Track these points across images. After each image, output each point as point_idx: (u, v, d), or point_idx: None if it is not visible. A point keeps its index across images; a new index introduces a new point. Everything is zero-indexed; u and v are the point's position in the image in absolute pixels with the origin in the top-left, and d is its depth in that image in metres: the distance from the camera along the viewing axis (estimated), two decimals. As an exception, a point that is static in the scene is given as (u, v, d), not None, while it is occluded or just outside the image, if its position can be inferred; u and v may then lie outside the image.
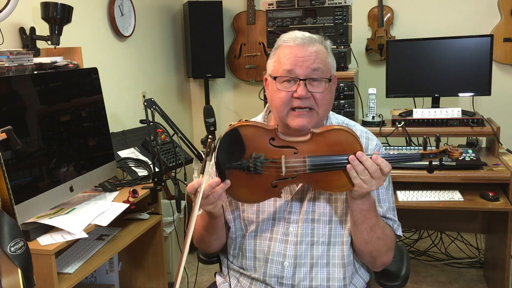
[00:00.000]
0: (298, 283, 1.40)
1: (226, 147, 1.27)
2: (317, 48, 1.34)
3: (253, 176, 1.29)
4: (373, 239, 1.36)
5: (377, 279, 1.54)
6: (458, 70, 2.77)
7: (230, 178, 1.29)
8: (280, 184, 1.31)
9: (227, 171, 1.28)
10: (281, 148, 1.29)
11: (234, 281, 1.51)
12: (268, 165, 1.27)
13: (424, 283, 2.90)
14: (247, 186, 1.31)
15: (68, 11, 2.16)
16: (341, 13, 2.79)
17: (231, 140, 1.27)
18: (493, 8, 3.24)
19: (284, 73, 1.32)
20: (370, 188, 1.24)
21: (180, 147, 2.78)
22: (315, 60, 1.31)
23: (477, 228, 2.97)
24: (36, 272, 1.46)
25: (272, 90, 1.36)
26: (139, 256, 2.54)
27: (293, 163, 1.27)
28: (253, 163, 1.27)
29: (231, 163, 1.27)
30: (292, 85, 1.32)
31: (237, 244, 1.49)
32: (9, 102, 1.72)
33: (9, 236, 1.20)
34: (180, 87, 3.81)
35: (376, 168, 1.22)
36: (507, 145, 2.71)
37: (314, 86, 1.32)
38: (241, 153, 1.28)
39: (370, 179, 1.23)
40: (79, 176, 2.02)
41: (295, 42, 1.33)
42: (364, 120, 2.81)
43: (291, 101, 1.32)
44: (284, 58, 1.33)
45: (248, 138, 1.28)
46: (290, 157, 1.28)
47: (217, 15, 3.49)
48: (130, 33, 3.03)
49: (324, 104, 1.34)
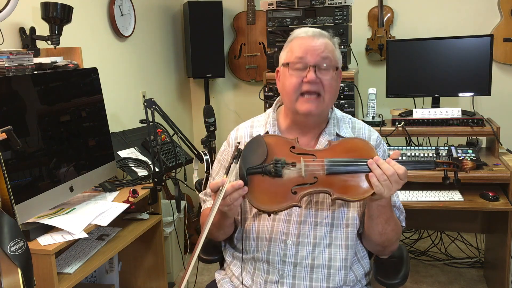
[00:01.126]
0: (300, 261, 1.43)
1: (249, 153, 1.35)
2: (327, 41, 1.46)
3: (274, 180, 1.33)
4: (387, 231, 1.43)
5: (376, 277, 1.54)
6: (458, 70, 2.77)
7: (251, 183, 1.32)
8: (299, 191, 1.32)
9: (249, 177, 1.32)
10: (300, 155, 1.37)
11: (238, 269, 1.53)
12: (288, 168, 1.34)
13: (424, 283, 2.90)
14: (267, 191, 1.33)
15: (68, 11, 2.16)
16: (341, 13, 2.79)
17: (255, 145, 1.37)
18: (493, 8, 3.24)
19: (296, 59, 1.43)
20: (389, 193, 1.30)
21: (180, 147, 2.78)
22: (324, 50, 1.42)
23: (477, 228, 2.97)
24: (36, 272, 1.46)
25: (284, 77, 1.46)
26: (139, 256, 2.54)
27: (312, 166, 1.34)
28: (274, 166, 1.33)
29: (254, 167, 1.33)
30: (303, 72, 1.42)
31: (241, 227, 1.52)
32: (9, 102, 1.72)
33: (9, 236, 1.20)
34: (180, 87, 3.81)
35: (393, 171, 1.28)
36: (507, 145, 2.71)
37: (322, 73, 1.42)
38: (263, 159, 1.35)
39: (389, 183, 1.28)
40: (79, 176, 2.02)
41: (307, 34, 1.45)
42: (364, 120, 2.81)
43: (301, 85, 1.42)
44: (297, 47, 1.44)
45: (270, 145, 1.38)
46: (309, 162, 1.35)
47: (217, 15, 3.49)
48: (130, 33, 3.03)
49: (330, 91, 1.44)
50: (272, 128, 1.53)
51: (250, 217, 1.51)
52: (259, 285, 1.47)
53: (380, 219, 1.40)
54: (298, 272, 1.44)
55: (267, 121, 1.56)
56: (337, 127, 1.52)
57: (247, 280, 1.51)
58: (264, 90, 2.85)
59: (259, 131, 1.55)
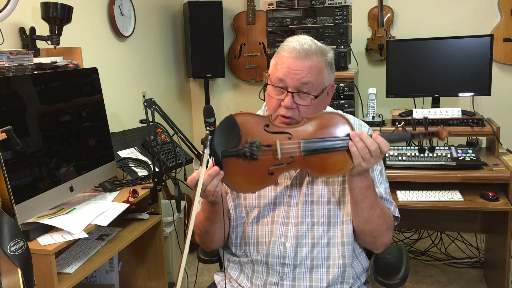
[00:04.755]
0: (300, 263, 1.44)
1: (222, 135, 1.31)
2: (313, 62, 1.37)
3: (250, 163, 1.31)
4: (373, 217, 1.40)
5: (376, 278, 1.54)
6: (458, 70, 2.77)
7: (227, 167, 1.30)
8: (277, 171, 1.32)
9: (224, 160, 1.30)
10: (275, 133, 1.34)
11: (236, 272, 1.53)
12: (263, 149, 1.31)
13: (424, 283, 2.90)
14: (244, 174, 1.32)
15: (68, 11, 2.16)
16: (341, 13, 2.79)
17: (227, 127, 1.32)
18: (493, 8, 3.24)
19: (276, 81, 1.40)
20: (367, 166, 1.30)
21: (180, 147, 2.78)
22: (307, 74, 1.36)
23: (477, 228, 2.97)
24: (36, 272, 1.46)
25: (268, 89, 1.45)
26: (139, 256, 2.54)
27: (288, 146, 1.31)
28: (249, 148, 1.30)
29: (228, 151, 1.30)
30: (281, 94, 1.39)
31: (238, 233, 1.52)
32: (9, 102, 1.72)
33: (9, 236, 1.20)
34: (180, 87, 3.81)
35: (376, 146, 1.29)
36: (507, 145, 2.71)
37: (301, 99, 1.38)
38: (237, 141, 1.32)
39: (369, 157, 1.29)
40: (79, 176, 2.02)
41: (291, 54, 1.37)
42: (364, 120, 2.81)
43: (278, 108, 1.40)
44: (280, 67, 1.40)
45: (243, 125, 1.33)
46: (284, 142, 1.32)
47: (217, 15, 3.48)
48: (130, 33, 3.03)
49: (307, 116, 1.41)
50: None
51: (248, 222, 1.50)
52: (258, 287, 1.47)
53: (364, 203, 1.37)
54: (298, 273, 1.44)
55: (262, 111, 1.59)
56: None
57: (245, 283, 1.50)
58: (264, 90, 2.84)
59: None
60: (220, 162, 1.29)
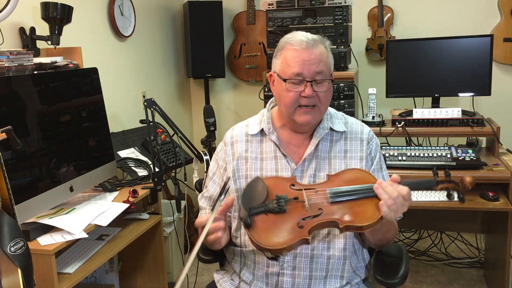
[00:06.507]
0: (299, 252, 1.45)
1: (249, 193, 1.35)
2: (320, 50, 1.46)
3: (278, 217, 1.31)
4: (387, 237, 1.52)
5: (376, 277, 1.54)
6: (458, 70, 2.77)
7: (256, 224, 1.30)
8: (306, 225, 1.30)
9: (252, 217, 1.31)
10: (301, 190, 1.38)
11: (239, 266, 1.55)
12: (291, 202, 1.34)
13: (424, 283, 2.90)
14: (273, 228, 1.30)
15: (68, 11, 2.16)
16: (341, 13, 2.79)
17: (254, 186, 1.37)
18: (493, 8, 3.24)
19: (293, 76, 1.44)
20: (396, 216, 1.32)
21: (180, 147, 2.78)
22: (319, 63, 1.44)
23: (477, 228, 2.97)
24: (36, 272, 1.46)
25: (281, 89, 1.48)
26: (139, 256, 2.54)
27: (315, 196, 1.35)
28: (276, 202, 1.32)
29: (256, 207, 1.32)
30: (299, 86, 1.45)
31: (240, 224, 1.52)
32: (9, 102, 1.72)
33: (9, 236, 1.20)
34: (180, 87, 3.81)
35: (397, 193, 1.30)
36: (507, 145, 2.71)
37: (318, 86, 1.45)
38: (264, 198, 1.35)
39: (395, 207, 1.30)
40: (79, 176, 2.02)
41: (301, 46, 1.45)
42: (364, 120, 2.81)
43: (299, 99, 1.46)
44: (292, 62, 1.45)
45: (270, 185, 1.38)
46: (311, 194, 1.36)
47: (217, 15, 3.49)
48: (130, 33, 3.04)
49: (325, 102, 1.49)
50: (267, 125, 1.55)
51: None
52: (260, 278, 1.49)
53: (381, 230, 1.44)
54: (298, 262, 1.45)
55: (261, 120, 1.59)
56: (330, 122, 1.55)
57: (247, 276, 1.52)
58: (264, 90, 2.85)
59: (254, 130, 1.57)
60: (248, 219, 1.30)
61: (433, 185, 1.41)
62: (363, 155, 1.53)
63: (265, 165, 1.53)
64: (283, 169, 1.50)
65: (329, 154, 1.52)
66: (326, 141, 1.53)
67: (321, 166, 1.50)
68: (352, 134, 1.56)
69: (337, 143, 1.54)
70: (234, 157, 1.56)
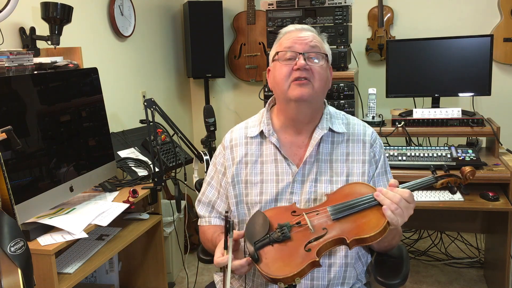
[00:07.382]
0: None
1: (252, 228, 1.34)
2: (314, 34, 1.50)
3: (285, 245, 1.30)
4: (393, 242, 1.52)
5: (376, 278, 1.54)
6: (458, 70, 2.77)
7: (263, 256, 1.29)
8: (313, 247, 1.28)
9: (259, 251, 1.30)
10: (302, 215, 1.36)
11: None
12: (295, 227, 1.33)
13: (424, 283, 2.90)
14: (282, 257, 1.28)
15: (68, 11, 2.16)
16: (341, 13, 2.79)
17: (256, 220, 1.36)
18: (493, 8, 3.24)
19: (285, 49, 1.45)
20: (403, 220, 1.30)
21: (180, 147, 2.78)
22: (312, 39, 1.46)
23: (477, 228, 2.97)
24: (36, 272, 1.46)
25: (275, 69, 1.48)
26: (139, 256, 2.54)
27: (317, 217, 1.34)
28: (280, 230, 1.32)
29: (261, 240, 1.31)
30: (292, 61, 1.44)
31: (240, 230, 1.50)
32: (9, 102, 1.72)
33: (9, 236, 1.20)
34: (180, 87, 3.81)
35: (399, 197, 1.28)
36: (507, 145, 2.71)
37: (311, 61, 1.44)
38: (267, 229, 1.33)
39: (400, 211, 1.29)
40: (79, 176, 2.02)
41: (296, 28, 1.51)
42: (364, 120, 2.80)
43: (292, 73, 1.43)
44: (285, 40, 1.48)
45: (272, 217, 1.36)
46: (313, 215, 1.35)
47: (217, 15, 3.49)
48: (130, 33, 3.03)
49: (320, 78, 1.44)
50: (266, 127, 1.52)
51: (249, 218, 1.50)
52: (259, 285, 1.47)
53: (387, 238, 1.41)
54: None
55: (261, 121, 1.56)
56: (330, 122, 1.51)
57: (247, 282, 1.50)
58: (264, 90, 2.85)
59: (253, 132, 1.55)
60: (255, 254, 1.28)
61: (433, 182, 1.41)
62: (366, 158, 1.49)
63: (265, 168, 1.50)
64: (283, 173, 1.47)
65: (330, 156, 1.49)
66: (327, 143, 1.50)
67: (323, 170, 1.47)
68: (354, 136, 1.52)
69: (338, 145, 1.50)
70: (234, 161, 1.54)
